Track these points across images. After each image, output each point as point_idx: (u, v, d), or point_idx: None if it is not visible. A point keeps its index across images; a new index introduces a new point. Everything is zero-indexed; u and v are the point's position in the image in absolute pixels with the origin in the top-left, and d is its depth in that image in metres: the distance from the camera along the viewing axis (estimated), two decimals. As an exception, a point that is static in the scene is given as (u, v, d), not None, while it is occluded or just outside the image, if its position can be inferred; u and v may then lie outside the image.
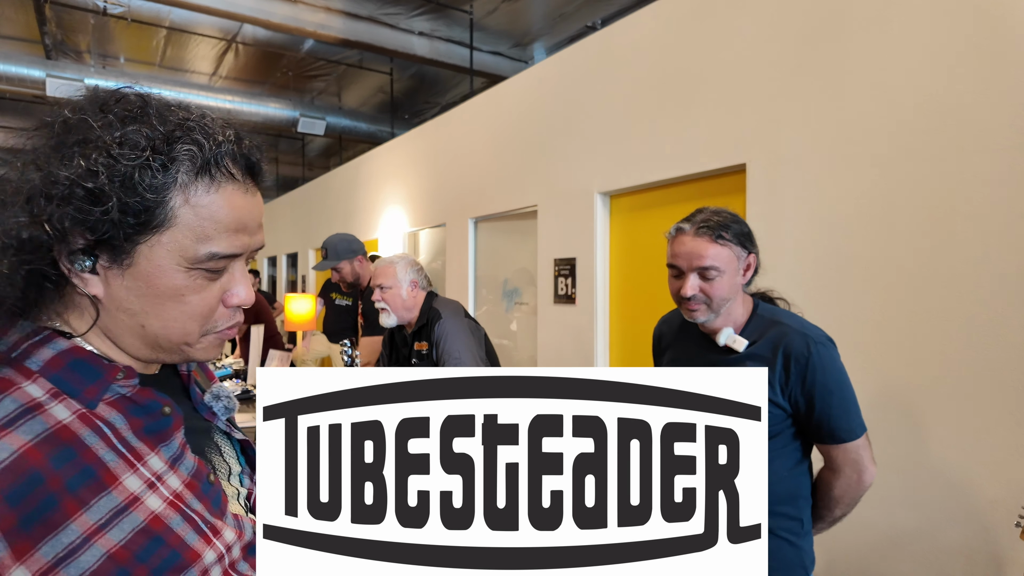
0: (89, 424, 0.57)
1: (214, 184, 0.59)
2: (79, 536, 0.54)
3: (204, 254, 0.58)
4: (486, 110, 4.38)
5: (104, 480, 0.56)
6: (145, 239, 0.57)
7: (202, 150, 0.58)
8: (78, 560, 0.54)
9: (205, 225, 0.58)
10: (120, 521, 0.56)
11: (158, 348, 0.62)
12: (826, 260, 2.24)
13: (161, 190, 0.56)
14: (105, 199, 0.54)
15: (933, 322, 1.95)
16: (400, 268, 2.30)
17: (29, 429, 0.53)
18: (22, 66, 6.34)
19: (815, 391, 1.29)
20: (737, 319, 1.39)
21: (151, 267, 0.57)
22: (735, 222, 1.35)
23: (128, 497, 0.57)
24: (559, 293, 3.53)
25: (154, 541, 0.58)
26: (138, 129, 0.56)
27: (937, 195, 1.94)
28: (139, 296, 0.58)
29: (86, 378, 0.58)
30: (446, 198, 4.84)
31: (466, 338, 2.26)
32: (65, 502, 0.53)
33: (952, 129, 1.91)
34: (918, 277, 1.99)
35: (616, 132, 3.15)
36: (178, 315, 0.60)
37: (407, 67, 7.18)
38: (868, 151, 2.12)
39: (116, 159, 0.54)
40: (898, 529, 2.03)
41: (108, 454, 0.57)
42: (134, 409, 0.61)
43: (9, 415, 0.53)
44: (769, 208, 2.43)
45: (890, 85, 2.06)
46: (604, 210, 3.29)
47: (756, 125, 2.48)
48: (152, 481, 0.60)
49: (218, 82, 8.07)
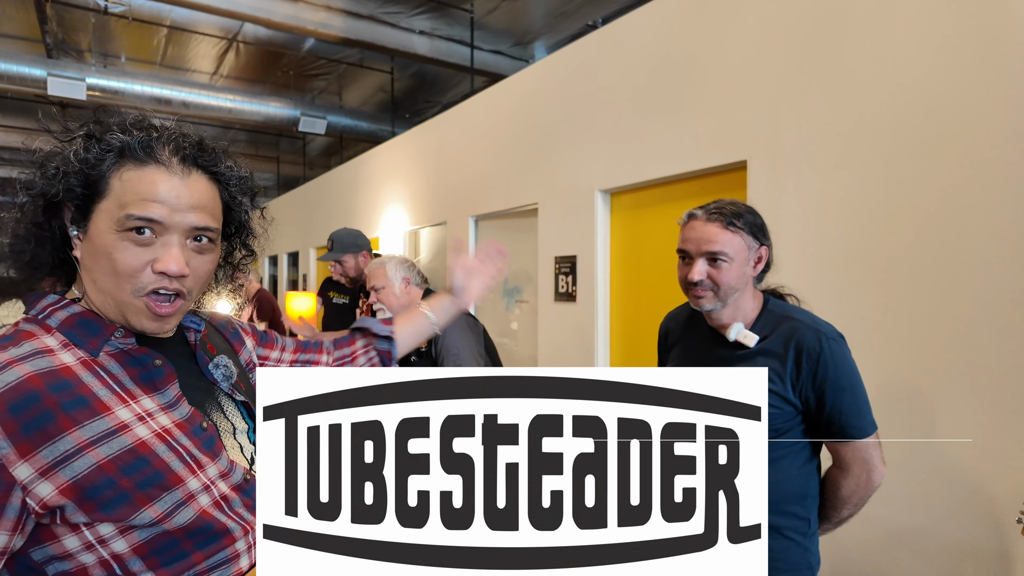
0: (89, 368, 0.73)
1: (139, 165, 0.75)
2: (73, 446, 0.67)
3: (123, 215, 0.72)
4: (486, 108, 4.37)
5: (96, 408, 0.70)
6: (95, 207, 0.74)
7: (130, 139, 0.74)
8: (72, 465, 0.67)
9: (127, 195, 0.73)
10: (110, 440, 0.70)
11: (112, 306, 0.76)
12: (828, 257, 2.24)
13: (99, 166, 0.74)
14: (73, 174, 0.73)
15: (936, 319, 1.95)
16: (390, 267, 2.29)
17: (35, 364, 0.69)
18: (23, 65, 6.35)
19: (826, 387, 1.27)
20: (747, 314, 1.38)
21: (96, 230, 0.73)
22: (749, 212, 1.34)
23: (118, 424, 0.71)
24: (560, 291, 3.52)
25: (139, 460, 0.70)
26: (90, 127, 0.76)
27: (940, 191, 1.94)
28: (91, 255, 0.74)
29: (90, 332, 0.75)
30: (446, 196, 4.84)
31: (464, 335, 2.25)
32: (60, 418, 0.68)
33: (956, 124, 1.90)
34: (921, 274, 1.98)
35: (617, 129, 3.15)
36: (109, 270, 0.73)
37: (408, 66, 7.17)
38: (871, 147, 2.11)
39: (79, 148, 0.74)
40: (900, 526, 2.03)
41: (103, 391, 0.72)
42: (130, 361, 0.76)
43: (24, 353, 0.70)
44: (770, 205, 2.42)
45: (893, 80, 2.05)
46: (605, 207, 3.28)
47: (757, 121, 2.47)
48: (143, 415, 0.74)
49: (219, 81, 8.06)
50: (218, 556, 0.75)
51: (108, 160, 0.74)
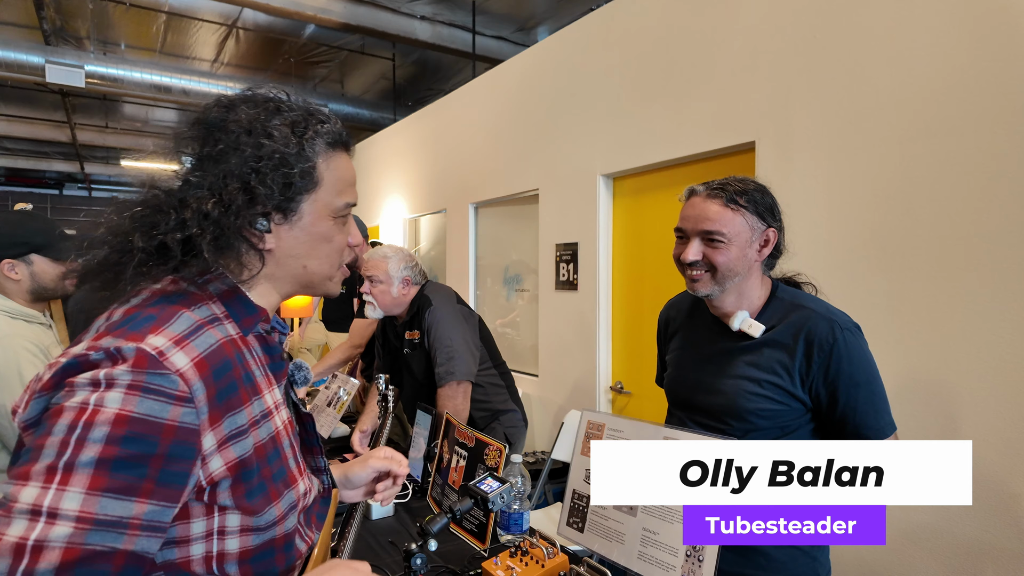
0: (246, 345, 0.74)
1: (340, 152, 0.80)
2: (246, 423, 0.68)
3: (342, 204, 0.79)
4: (485, 92, 4.26)
5: (257, 388, 0.72)
6: (307, 197, 0.76)
7: (332, 127, 0.78)
8: (242, 442, 0.67)
9: (339, 183, 0.79)
10: (264, 423, 0.71)
11: (308, 285, 0.80)
12: (841, 243, 2.12)
13: (314, 157, 0.75)
14: (292, 165, 0.73)
15: (956, 308, 1.84)
16: (393, 264, 2.19)
17: (221, 330, 0.70)
18: (21, 52, 6.27)
19: (839, 382, 1.18)
20: (753, 302, 1.28)
21: (312, 218, 0.76)
22: (758, 191, 1.24)
23: (267, 408, 0.73)
24: (561, 279, 3.42)
25: (275, 452, 0.72)
26: (293, 114, 0.76)
27: (962, 172, 1.82)
28: (303, 243, 0.77)
29: (247, 310, 0.75)
30: (446, 183, 4.74)
31: (458, 325, 2.18)
32: (241, 391, 0.69)
33: (978, 102, 1.78)
34: (940, 260, 1.87)
35: (619, 111, 3.03)
36: (330, 252, 0.80)
37: (409, 53, 7.08)
38: (888, 126, 1.99)
39: (291, 136, 0.74)
40: (914, 523, 1.92)
41: (257, 371, 0.74)
42: (266, 347, 0.78)
43: (207, 317, 0.69)
44: (780, 188, 2.29)
45: (911, 55, 1.93)
46: (607, 192, 3.17)
47: (766, 100, 2.36)
48: (277, 405, 0.76)
49: (220, 69, 7.99)
50: (291, 572, 0.76)
51: (321, 150, 0.76)
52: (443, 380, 2.10)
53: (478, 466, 1.66)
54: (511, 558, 1.32)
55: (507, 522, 1.55)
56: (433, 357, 2.15)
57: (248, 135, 0.72)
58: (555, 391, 3.52)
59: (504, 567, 1.29)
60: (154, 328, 0.63)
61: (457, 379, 2.10)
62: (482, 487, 1.11)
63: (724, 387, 1.28)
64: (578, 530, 1.38)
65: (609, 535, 1.30)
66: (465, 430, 1.76)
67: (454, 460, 1.77)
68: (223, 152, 0.71)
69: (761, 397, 1.21)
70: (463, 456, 1.73)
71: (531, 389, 3.69)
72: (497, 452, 1.61)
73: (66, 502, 0.55)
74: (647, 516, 1.24)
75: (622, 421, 1.39)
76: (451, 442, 1.82)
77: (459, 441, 1.77)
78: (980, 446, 1.79)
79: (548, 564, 1.28)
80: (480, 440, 1.68)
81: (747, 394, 1.23)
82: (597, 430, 1.42)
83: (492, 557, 1.35)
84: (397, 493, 1.03)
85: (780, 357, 1.20)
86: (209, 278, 0.73)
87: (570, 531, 1.40)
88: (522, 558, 1.32)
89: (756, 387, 1.22)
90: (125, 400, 0.58)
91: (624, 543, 1.27)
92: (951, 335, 1.84)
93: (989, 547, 1.77)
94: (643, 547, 1.23)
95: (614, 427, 1.39)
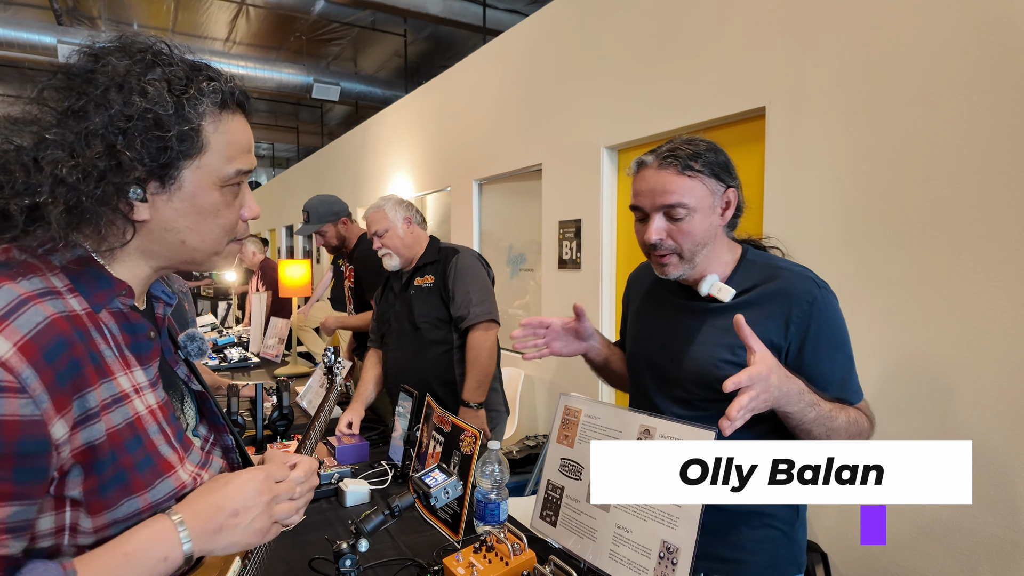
0: (94, 323, 0.64)
1: (232, 113, 0.69)
2: (96, 406, 0.60)
3: (232, 172, 0.69)
4: (487, 65, 4.11)
5: (105, 369, 0.63)
6: (189, 163, 0.66)
7: (222, 84, 0.68)
8: (92, 427, 0.59)
9: (230, 148, 0.69)
10: (118, 407, 0.63)
11: (190, 262, 0.71)
12: (856, 214, 1.96)
13: (197, 119, 0.65)
14: (167, 127, 0.63)
15: (977, 284, 1.67)
16: (390, 208, 2.18)
17: (55, 305, 0.60)
18: (33, 32, 6.29)
19: (820, 340, 1.08)
20: (722, 267, 1.16)
21: (194, 188, 0.67)
22: (710, 150, 1.12)
23: (122, 391, 0.64)
24: (564, 258, 3.29)
25: (135, 439, 0.64)
26: (174, 69, 0.65)
27: (991, 134, 1.64)
28: (184, 215, 0.67)
29: (99, 284, 0.65)
30: (449, 161, 4.62)
31: (484, 279, 2.17)
32: (87, 370, 0.60)
33: (1009, 55, 1.60)
34: (961, 233, 1.70)
35: (623, 79, 2.87)
36: (215, 228, 0.70)
37: (421, 29, 6.94)
38: (909, 84, 1.81)
39: (168, 94, 0.63)
40: (930, 518, 1.78)
41: (107, 351, 0.64)
42: (127, 326, 0.68)
43: (39, 289, 0.60)
44: (791, 156, 2.14)
45: (936, 4, 1.75)
46: (611, 165, 3.02)
47: (776, 62, 2.18)
48: (138, 388, 0.66)
49: (232, 48, 7.93)
50: None
51: (209, 110, 0.67)
52: (479, 319, 2.08)
53: (453, 452, 1.56)
54: (475, 554, 1.22)
55: (483, 512, 1.45)
56: (458, 300, 2.11)
57: (118, 90, 0.62)
58: (557, 372, 3.41)
59: (466, 564, 1.19)
60: None
61: (492, 318, 2.10)
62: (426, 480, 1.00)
63: (694, 355, 1.17)
64: (551, 523, 1.28)
65: (581, 531, 1.20)
66: (443, 414, 1.66)
67: (431, 446, 1.67)
68: (87, 108, 0.61)
69: (734, 365, 1.10)
70: (440, 442, 1.64)
71: (533, 371, 3.59)
72: (472, 438, 1.51)
73: None
74: (620, 512, 1.13)
75: (599, 407, 1.27)
76: (430, 427, 1.72)
77: (436, 426, 1.67)
78: (1001, 437, 1.63)
79: (512, 562, 1.18)
80: (456, 425, 1.58)
81: (719, 362, 1.13)
82: (574, 416, 1.31)
83: (456, 552, 1.25)
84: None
85: (754, 318, 1.08)
86: (51, 247, 0.63)
87: (543, 524, 1.30)
88: (486, 554, 1.22)
89: (729, 354, 1.12)
90: None
91: (596, 540, 1.16)
92: (972, 314, 1.68)
93: (1012, 544, 1.62)
94: (615, 545, 1.12)
95: (591, 413, 1.28)
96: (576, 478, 1.26)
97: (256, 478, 0.70)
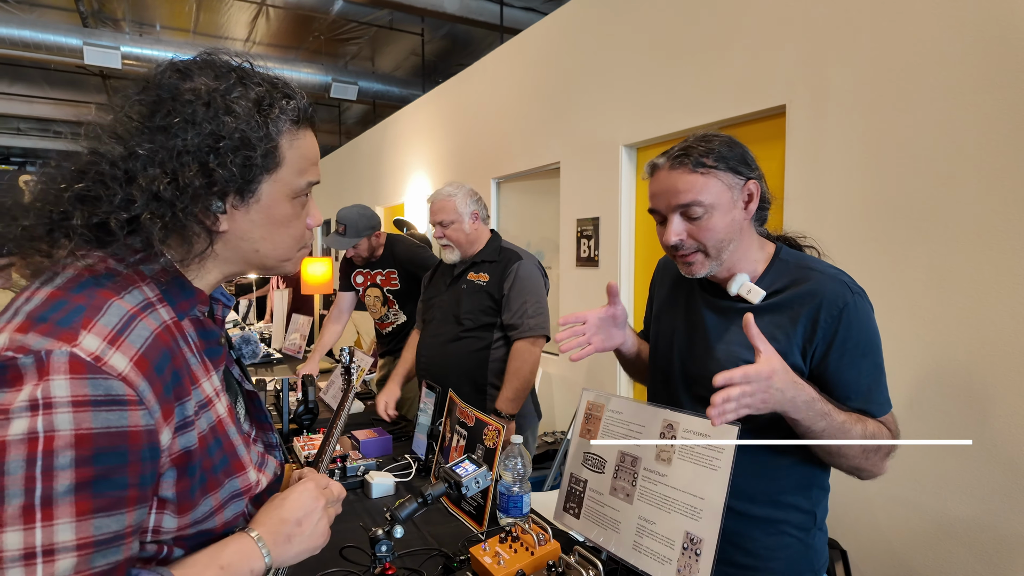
0: (180, 331, 0.67)
1: (304, 129, 0.73)
2: (191, 413, 0.64)
3: (304, 184, 0.73)
4: (505, 64, 4.13)
5: (194, 376, 0.66)
6: (267, 178, 0.69)
7: (298, 103, 0.71)
8: (187, 433, 0.63)
9: (302, 161, 0.72)
10: (205, 413, 0.66)
11: (260, 267, 0.75)
12: (878, 212, 1.96)
13: (277, 136, 0.69)
14: (254, 146, 0.66)
15: (1001, 282, 1.67)
16: (460, 200, 2.15)
17: (155, 318, 0.63)
18: (60, 35, 6.40)
19: (847, 347, 1.05)
20: (752, 264, 1.16)
21: (270, 200, 0.70)
22: (724, 145, 1.10)
23: (206, 396, 0.67)
24: (581, 256, 3.31)
25: (216, 441, 0.67)
26: (258, 89, 0.68)
27: (1015, 132, 1.64)
28: (259, 226, 0.71)
29: (183, 294, 0.68)
30: (467, 159, 4.64)
31: (542, 292, 2.15)
32: (184, 380, 0.64)
33: (1035, 50, 1.59)
34: (985, 231, 1.70)
35: (641, 78, 2.88)
36: (286, 237, 0.74)
37: (438, 27, 6.97)
38: (930, 84, 1.81)
39: (257, 114, 0.67)
40: (952, 516, 1.78)
41: (192, 358, 0.67)
42: (202, 332, 0.71)
43: (140, 303, 0.63)
44: (812, 154, 2.14)
45: (959, 1, 1.74)
46: (630, 164, 3.03)
47: (797, 60, 2.18)
48: (217, 392, 0.70)
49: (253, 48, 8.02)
50: None
51: (286, 127, 0.70)
52: (530, 332, 2.08)
53: (476, 446, 1.59)
54: (501, 544, 1.25)
55: (507, 505, 1.48)
56: (513, 308, 2.10)
57: (206, 108, 0.64)
58: (575, 370, 3.43)
59: (492, 553, 1.22)
60: (84, 323, 0.57)
61: (544, 333, 2.10)
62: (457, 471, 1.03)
63: (718, 354, 1.17)
64: (574, 516, 1.30)
65: (605, 523, 1.22)
66: (466, 409, 1.69)
67: (454, 439, 1.71)
68: (177, 125, 0.63)
69: None
70: (463, 435, 1.67)
71: (552, 368, 3.61)
72: (496, 432, 1.54)
73: (60, 535, 0.53)
74: (644, 504, 1.15)
75: (622, 402, 1.29)
76: (453, 421, 1.75)
77: (460, 420, 1.70)
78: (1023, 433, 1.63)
79: (538, 551, 1.21)
80: (480, 419, 1.61)
81: (742, 363, 1.12)
82: (597, 411, 1.33)
83: (482, 542, 1.28)
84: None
85: (781, 322, 1.08)
86: (142, 257, 0.65)
87: (566, 516, 1.32)
88: (512, 544, 1.24)
89: (752, 356, 1.11)
90: (77, 419, 0.54)
91: (619, 532, 1.18)
92: (997, 313, 1.68)
93: (1035, 544, 1.62)
94: (639, 537, 1.14)
95: (614, 408, 1.30)
96: (599, 471, 1.28)
97: (308, 488, 0.76)
